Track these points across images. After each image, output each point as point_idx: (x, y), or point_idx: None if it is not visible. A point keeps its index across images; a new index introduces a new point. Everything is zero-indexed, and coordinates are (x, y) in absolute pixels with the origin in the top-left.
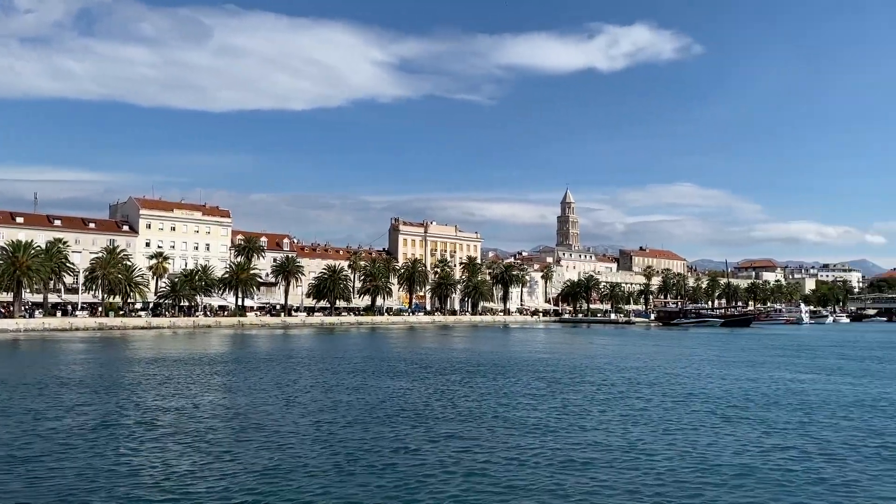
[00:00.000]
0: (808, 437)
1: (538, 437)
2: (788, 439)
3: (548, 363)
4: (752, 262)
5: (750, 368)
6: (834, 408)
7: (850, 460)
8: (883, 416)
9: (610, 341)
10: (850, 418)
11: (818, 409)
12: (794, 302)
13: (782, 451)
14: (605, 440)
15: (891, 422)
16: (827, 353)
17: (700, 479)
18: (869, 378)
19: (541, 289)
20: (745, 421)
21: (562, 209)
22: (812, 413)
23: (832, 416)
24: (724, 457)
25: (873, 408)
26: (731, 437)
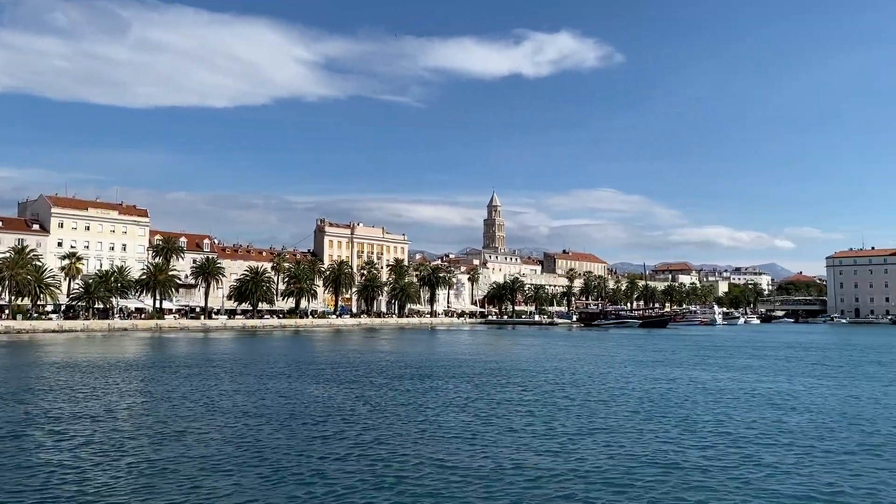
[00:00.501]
0: (724, 434)
1: (466, 441)
2: (706, 437)
3: (474, 365)
4: (669, 265)
5: (668, 368)
6: (748, 404)
7: (765, 454)
8: (792, 412)
9: (534, 342)
10: (764, 415)
11: (734, 405)
12: (708, 303)
13: (701, 450)
14: (532, 442)
15: (798, 416)
16: (738, 352)
17: (625, 479)
18: (781, 375)
19: (467, 291)
20: (666, 419)
21: (488, 212)
22: (728, 410)
23: (748, 413)
24: (647, 455)
25: (783, 404)
26: (653, 435)
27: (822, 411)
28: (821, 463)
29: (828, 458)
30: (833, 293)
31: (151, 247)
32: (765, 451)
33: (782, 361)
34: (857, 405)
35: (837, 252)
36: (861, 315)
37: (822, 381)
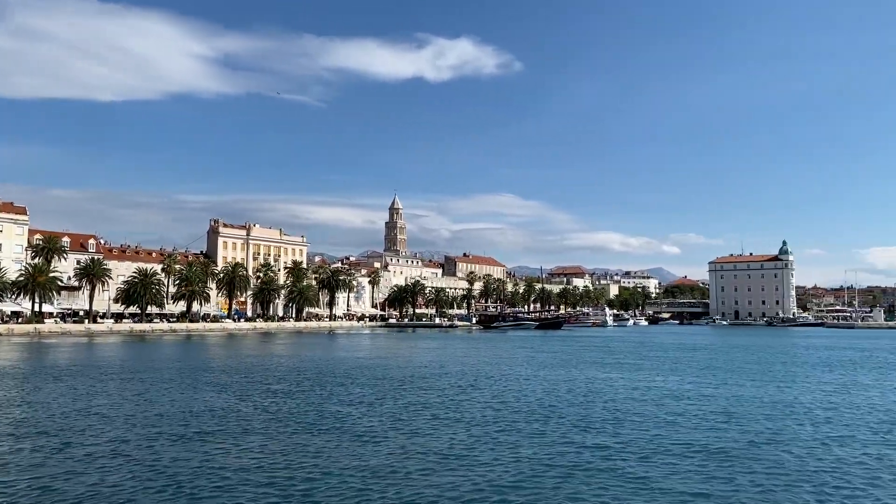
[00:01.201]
0: (623, 434)
1: (368, 447)
2: (606, 437)
3: (375, 369)
4: (565, 268)
5: (565, 369)
6: (641, 403)
7: (659, 454)
8: (680, 411)
9: (434, 345)
10: (657, 414)
11: (627, 405)
12: (600, 306)
13: (602, 450)
14: (434, 446)
15: (689, 415)
16: (629, 353)
17: (524, 482)
18: (672, 375)
19: (368, 294)
20: (563, 420)
21: (390, 215)
22: (620, 409)
23: (640, 412)
24: (547, 457)
25: (673, 403)
26: (554, 437)
27: (711, 410)
28: (715, 463)
29: (719, 456)
30: (715, 296)
31: (30, 246)
32: (661, 450)
33: (670, 362)
34: (740, 403)
35: (719, 258)
36: (740, 317)
37: (708, 380)
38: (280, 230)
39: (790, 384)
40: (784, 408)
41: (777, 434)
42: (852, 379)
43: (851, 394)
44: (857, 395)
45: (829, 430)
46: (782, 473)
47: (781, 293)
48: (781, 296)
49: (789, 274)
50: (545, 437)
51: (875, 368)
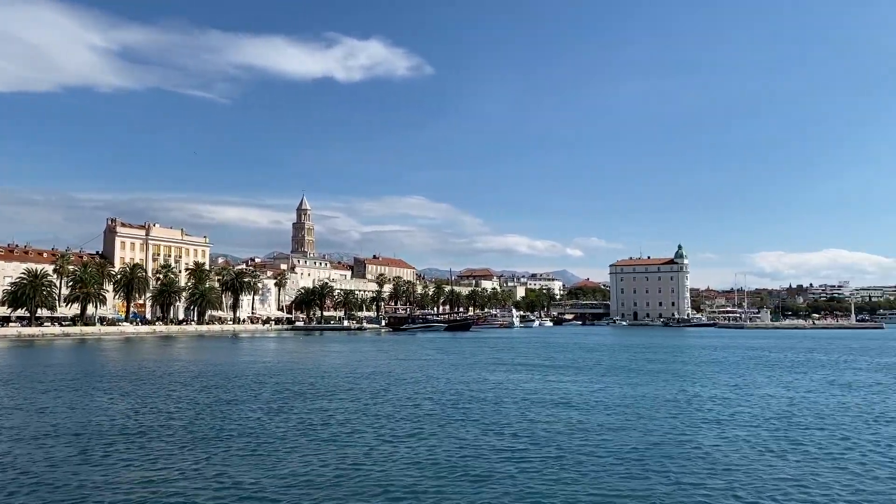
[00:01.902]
0: (530, 435)
1: (278, 454)
2: (513, 439)
3: (281, 373)
4: (473, 271)
5: (472, 370)
6: (549, 404)
7: (571, 454)
8: (586, 410)
9: (342, 348)
10: (566, 414)
11: (536, 406)
12: (507, 307)
13: (512, 452)
14: (348, 452)
15: (596, 415)
16: (533, 354)
17: (439, 487)
18: (578, 375)
19: (274, 296)
20: (476, 422)
21: (297, 216)
22: (530, 410)
23: (546, 412)
24: (459, 459)
25: (580, 403)
26: (465, 439)
27: (615, 409)
28: (626, 462)
29: (630, 455)
30: (615, 298)
31: None
32: (573, 450)
33: (574, 362)
34: (644, 402)
35: (619, 261)
36: (638, 317)
37: (613, 380)
38: (182, 230)
39: (691, 383)
40: (686, 406)
41: (682, 432)
42: (748, 379)
43: (748, 392)
44: (754, 392)
45: (733, 428)
46: (690, 472)
47: (677, 295)
48: (677, 297)
49: (684, 277)
50: (458, 441)
51: (765, 367)
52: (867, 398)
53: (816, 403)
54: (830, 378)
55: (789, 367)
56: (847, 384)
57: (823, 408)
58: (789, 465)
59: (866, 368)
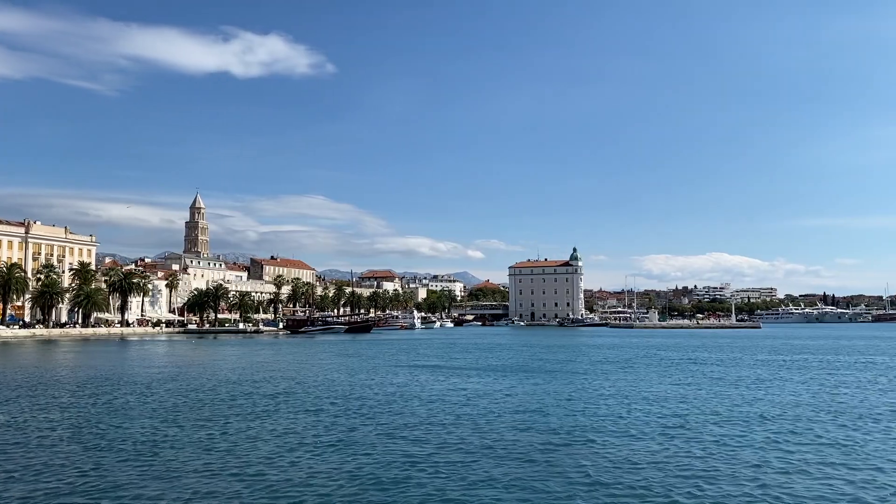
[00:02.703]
0: (433, 438)
1: (170, 465)
2: (417, 443)
3: (173, 378)
4: (375, 272)
5: (372, 372)
6: (451, 406)
7: (477, 455)
8: (488, 410)
9: (238, 352)
10: (464, 415)
11: (436, 407)
12: (408, 309)
13: (418, 455)
14: (246, 461)
15: (496, 415)
16: (433, 355)
17: (337, 494)
18: (481, 375)
19: (165, 298)
20: (377, 426)
21: (191, 214)
22: (432, 411)
23: (450, 413)
24: (363, 465)
25: (482, 403)
26: (369, 444)
27: (518, 409)
28: (523, 460)
29: (533, 453)
30: (514, 299)
31: None
32: (477, 452)
33: (472, 363)
34: (545, 401)
35: (518, 263)
36: (535, 318)
37: (513, 380)
38: (66, 228)
39: (589, 381)
40: (587, 403)
41: (586, 430)
42: (642, 376)
43: (643, 389)
44: (647, 389)
45: (634, 425)
46: (597, 469)
47: (572, 296)
48: (572, 298)
49: (578, 278)
50: (363, 447)
51: (656, 365)
52: (752, 393)
53: (708, 400)
54: (718, 375)
55: (678, 364)
56: (733, 380)
57: (716, 404)
58: (693, 459)
59: (748, 365)
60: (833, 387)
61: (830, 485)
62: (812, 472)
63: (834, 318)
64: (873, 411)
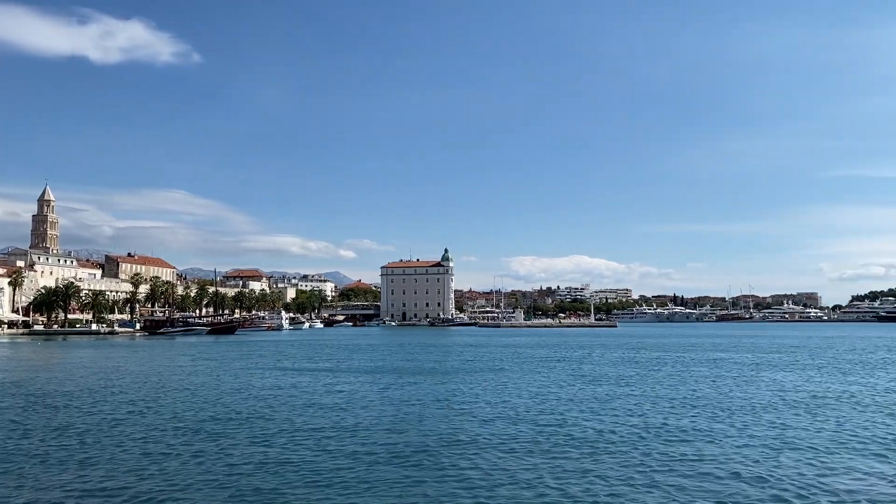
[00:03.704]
0: (297, 441)
1: (14, 480)
2: (277, 448)
3: (19, 384)
4: (241, 271)
5: (235, 376)
6: (318, 408)
7: (348, 459)
8: (356, 412)
9: (90, 355)
10: (332, 418)
11: (302, 410)
12: (276, 309)
13: (281, 462)
14: (99, 472)
15: (366, 417)
16: (299, 357)
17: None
18: (349, 376)
19: (8, 297)
20: (241, 432)
21: (39, 207)
22: (297, 415)
23: (317, 416)
24: (229, 473)
25: (350, 405)
26: (228, 452)
27: (387, 410)
28: (395, 462)
29: (406, 455)
30: (385, 299)
31: None
32: (349, 455)
33: (339, 364)
34: (414, 401)
35: (390, 263)
36: (407, 318)
37: (382, 381)
38: None
39: (459, 381)
40: (459, 405)
41: (458, 430)
42: (508, 376)
43: (508, 388)
44: (513, 388)
45: (501, 425)
46: (468, 469)
47: (443, 296)
48: (443, 298)
49: (449, 279)
50: (228, 454)
51: (523, 363)
52: (613, 389)
53: (571, 397)
54: (579, 372)
55: (543, 362)
56: (593, 377)
57: (579, 401)
58: (562, 457)
59: (603, 362)
60: (694, 381)
61: (702, 473)
62: (681, 462)
63: (683, 318)
64: (726, 404)
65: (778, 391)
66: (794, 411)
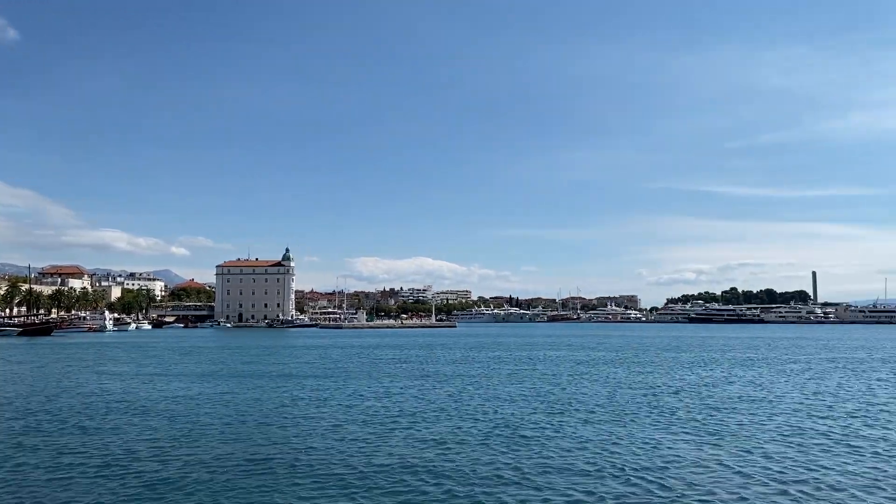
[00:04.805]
0: (119, 449)
1: None
2: (96, 457)
3: None
4: (60, 268)
5: (47, 381)
6: (137, 415)
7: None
8: (193, 418)
9: None
10: (152, 425)
11: (121, 417)
12: (99, 309)
13: (103, 473)
14: None
15: (202, 423)
16: (126, 361)
17: None
18: (170, 382)
19: None
20: (58, 440)
21: None
22: (117, 423)
23: (137, 422)
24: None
25: (170, 410)
26: (34, 466)
27: (216, 418)
28: (224, 476)
29: (233, 465)
30: (221, 299)
31: None
32: (174, 467)
33: (163, 367)
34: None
35: (227, 262)
36: (244, 319)
37: (207, 386)
38: None
39: (297, 387)
40: (294, 410)
41: (294, 438)
42: (348, 381)
43: (348, 392)
44: (352, 392)
45: (346, 428)
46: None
47: (283, 297)
48: (282, 299)
49: (290, 279)
50: (34, 468)
51: (366, 365)
52: (463, 389)
53: (420, 396)
54: (422, 372)
55: (388, 363)
56: (438, 377)
57: (430, 401)
58: (414, 457)
59: (448, 361)
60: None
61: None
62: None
63: (517, 318)
64: (566, 399)
65: (615, 385)
66: (634, 403)
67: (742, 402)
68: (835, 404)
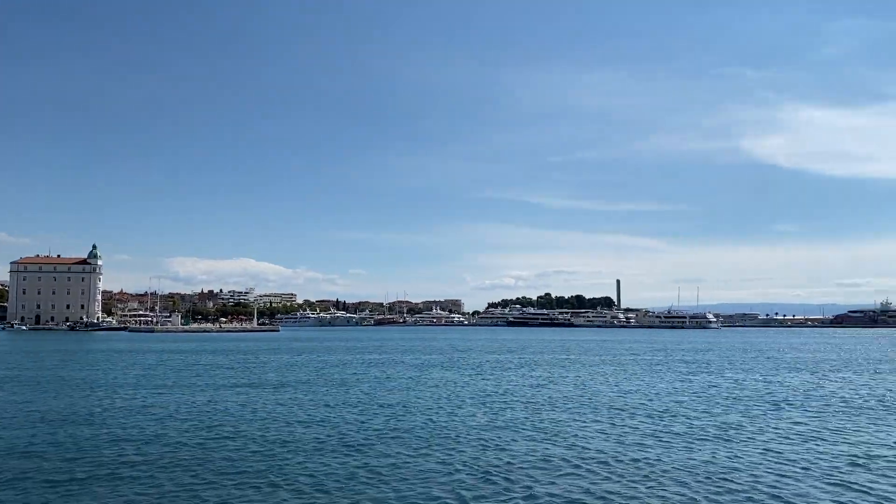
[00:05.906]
0: None
1: None
2: None
3: None
4: None
5: None
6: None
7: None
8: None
9: None
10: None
11: None
12: None
13: None
14: None
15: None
16: None
17: None
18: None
19: None
20: None
21: None
22: None
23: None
24: None
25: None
26: None
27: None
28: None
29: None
30: (15, 299)
31: None
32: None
33: None
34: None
35: (23, 258)
36: (42, 321)
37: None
38: None
39: (99, 396)
40: (109, 421)
41: (106, 445)
42: (181, 389)
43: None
44: (169, 402)
45: (159, 440)
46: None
47: (88, 297)
48: (87, 300)
49: (97, 278)
50: None
51: (180, 371)
52: (298, 395)
53: (243, 403)
54: (247, 379)
55: (203, 368)
56: (260, 384)
57: (254, 409)
58: (237, 471)
59: (274, 367)
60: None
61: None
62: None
63: (343, 322)
64: (400, 402)
65: (448, 385)
66: (474, 400)
67: (568, 401)
68: (648, 402)
